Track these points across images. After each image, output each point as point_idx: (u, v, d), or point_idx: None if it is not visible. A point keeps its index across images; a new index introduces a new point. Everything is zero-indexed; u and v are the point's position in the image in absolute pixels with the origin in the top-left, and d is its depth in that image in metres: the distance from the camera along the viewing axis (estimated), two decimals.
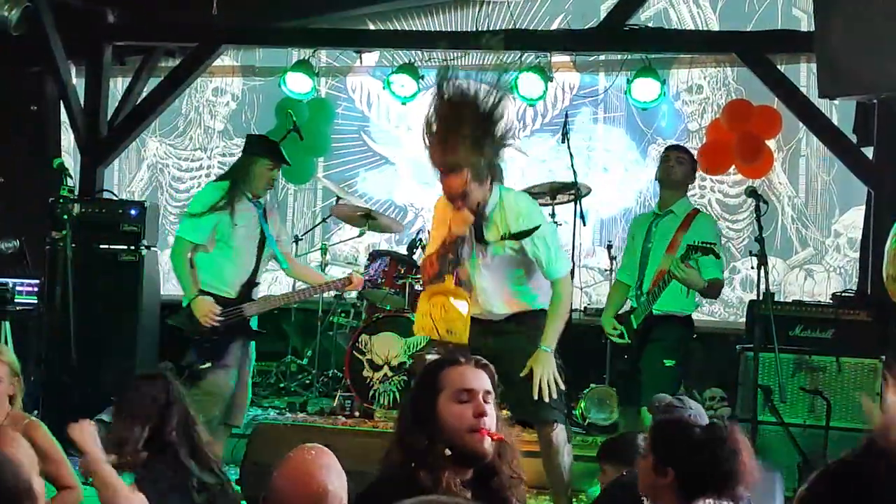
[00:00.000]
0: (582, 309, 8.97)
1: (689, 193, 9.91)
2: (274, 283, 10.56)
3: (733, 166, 8.89)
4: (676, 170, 6.39)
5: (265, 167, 6.27)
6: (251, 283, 6.24)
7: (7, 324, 7.04)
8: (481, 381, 3.08)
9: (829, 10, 6.27)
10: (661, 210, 6.41)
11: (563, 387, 5.13)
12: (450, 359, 3.18)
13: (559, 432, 5.16)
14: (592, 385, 7.76)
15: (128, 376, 6.75)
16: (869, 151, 7.72)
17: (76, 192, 7.88)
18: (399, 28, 9.77)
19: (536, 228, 5.12)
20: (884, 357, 6.49)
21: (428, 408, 3.03)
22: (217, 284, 6.14)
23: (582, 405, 7.64)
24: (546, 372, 5.02)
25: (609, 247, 8.57)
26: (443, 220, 5.24)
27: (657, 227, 6.36)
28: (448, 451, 2.97)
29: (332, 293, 9.14)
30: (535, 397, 5.02)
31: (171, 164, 10.88)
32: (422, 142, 5.10)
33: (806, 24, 8.87)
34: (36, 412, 5.91)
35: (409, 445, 3.02)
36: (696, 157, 6.67)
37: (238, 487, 5.09)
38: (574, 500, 5.81)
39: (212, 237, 6.14)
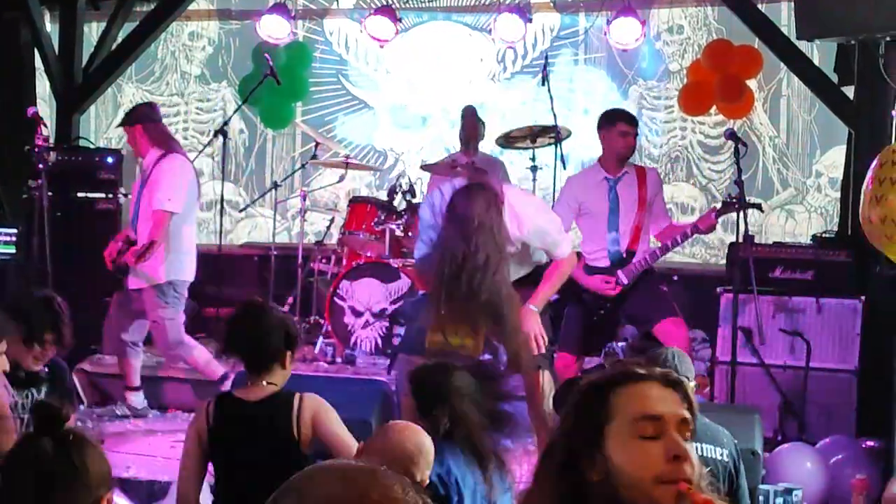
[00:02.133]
0: None
1: (670, 133, 9.98)
2: (254, 230, 10.55)
3: (714, 107, 8.85)
4: (632, 144, 6.60)
5: None
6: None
7: None
8: (673, 404, 2.04)
9: None
10: (616, 175, 6.55)
11: (547, 340, 5.27)
12: (624, 371, 2.12)
13: (544, 379, 5.26)
14: None
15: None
16: (850, 91, 7.68)
17: (52, 140, 7.80)
18: None
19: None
20: (863, 297, 6.51)
21: (589, 445, 2.01)
22: None
23: None
24: (533, 329, 5.17)
25: None
26: None
27: (615, 189, 6.55)
28: None
29: (314, 240, 9.13)
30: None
31: None
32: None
33: None
34: None
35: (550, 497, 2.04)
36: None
37: None
38: None
39: None
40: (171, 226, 6.53)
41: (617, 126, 6.52)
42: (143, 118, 6.71)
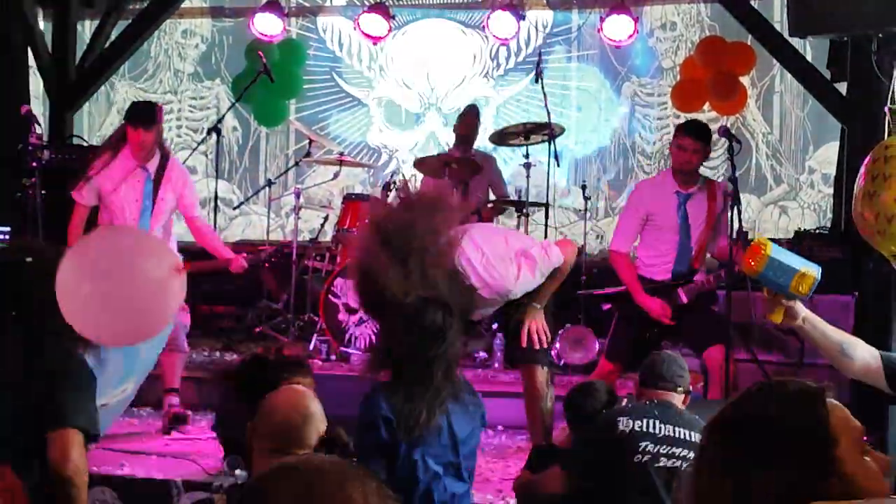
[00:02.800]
0: None
1: (663, 130, 9.96)
2: (248, 228, 10.55)
3: (707, 104, 8.87)
4: (694, 161, 6.19)
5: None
6: None
7: None
8: None
9: None
10: (686, 191, 6.22)
11: (550, 337, 5.19)
12: (821, 387, 1.98)
13: (543, 375, 5.23)
14: (568, 325, 7.77)
15: None
16: (843, 87, 7.70)
17: (45, 139, 7.78)
18: None
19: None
20: (856, 293, 6.52)
21: (826, 472, 1.87)
22: None
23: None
24: (536, 323, 5.11)
25: (583, 187, 8.51)
26: None
27: (685, 206, 6.23)
28: None
29: (308, 238, 9.14)
30: (524, 345, 5.10)
31: None
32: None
33: None
34: None
35: None
36: (707, 135, 6.33)
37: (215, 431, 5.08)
38: None
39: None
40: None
41: (675, 138, 6.26)
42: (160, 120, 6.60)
